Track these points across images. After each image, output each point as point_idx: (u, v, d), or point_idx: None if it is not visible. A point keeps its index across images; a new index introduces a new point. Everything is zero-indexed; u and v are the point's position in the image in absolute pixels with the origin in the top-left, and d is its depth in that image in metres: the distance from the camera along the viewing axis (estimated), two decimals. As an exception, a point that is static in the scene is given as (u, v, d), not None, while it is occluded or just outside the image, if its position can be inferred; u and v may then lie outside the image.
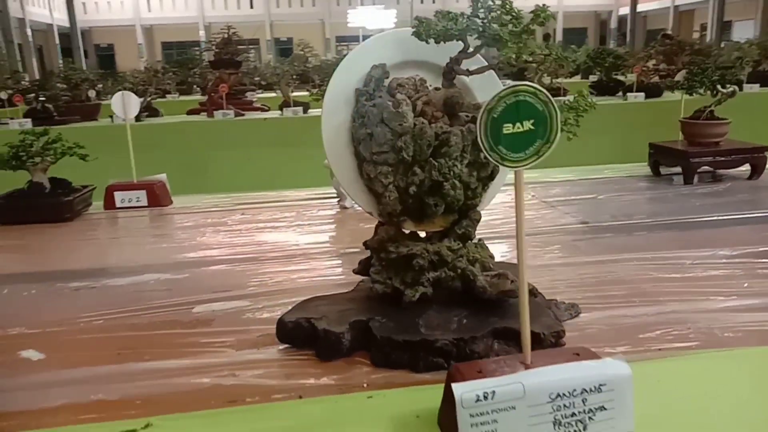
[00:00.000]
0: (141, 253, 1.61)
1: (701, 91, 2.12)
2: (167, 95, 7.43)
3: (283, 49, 25.75)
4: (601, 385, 0.69)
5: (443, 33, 0.92)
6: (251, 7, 26.68)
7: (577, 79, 8.23)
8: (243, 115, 5.33)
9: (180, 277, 1.37)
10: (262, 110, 5.95)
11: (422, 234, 1.05)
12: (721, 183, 2.05)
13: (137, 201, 2.05)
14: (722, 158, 2.05)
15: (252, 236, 1.68)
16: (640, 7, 25.31)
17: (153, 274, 1.38)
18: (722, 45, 11.08)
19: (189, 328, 1.09)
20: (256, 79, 7.60)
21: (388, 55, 1.04)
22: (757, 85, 6.36)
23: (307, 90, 6.48)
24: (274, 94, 7.32)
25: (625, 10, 25.71)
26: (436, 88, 1.03)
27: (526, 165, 0.68)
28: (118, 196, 2.05)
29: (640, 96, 5.80)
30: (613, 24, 27.20)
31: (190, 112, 5.75)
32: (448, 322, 0.95)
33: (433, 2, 26.51)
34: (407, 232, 1.03)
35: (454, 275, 1.01)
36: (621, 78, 6.66)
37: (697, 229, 1.59)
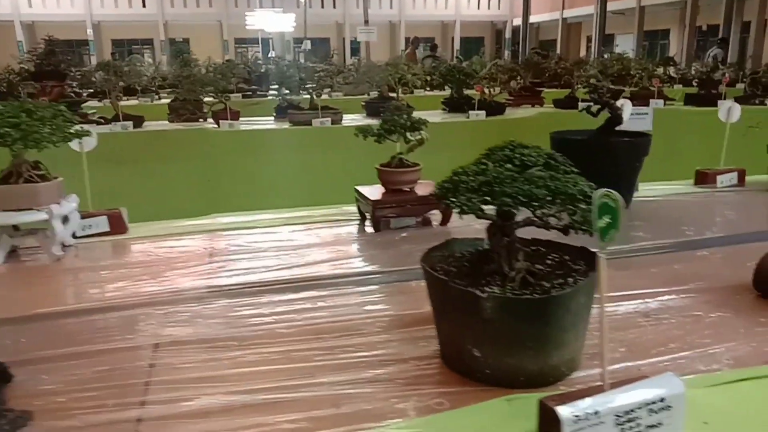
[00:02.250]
0: None
1: (394, 138, 2.09)
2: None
3: (180, 50, 24.91)
4: None
5: None
6: (144, 5, 25.63)
7: (438, 91, 8.35)
8: (66, 130, 5.01)
9: None
10: (97, 123, 5.63)
11: None
12: (404, 231, 2.02)
13: None
14: (409, 206, 2.04)
15: None
16: (533, 19, 26.27)
17: None
18: (606, 56, 11.57)
19: None
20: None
21: None
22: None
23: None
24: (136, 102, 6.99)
25: (519, 21, 26.63)
26: None
27: None
28: None
29: (482, 114, 5.92)
30: (508, 34, 28.14)
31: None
32: None
33: (334, 7, 26.52)
34: None
35: None
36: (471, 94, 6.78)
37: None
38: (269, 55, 25.45)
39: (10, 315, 1.38)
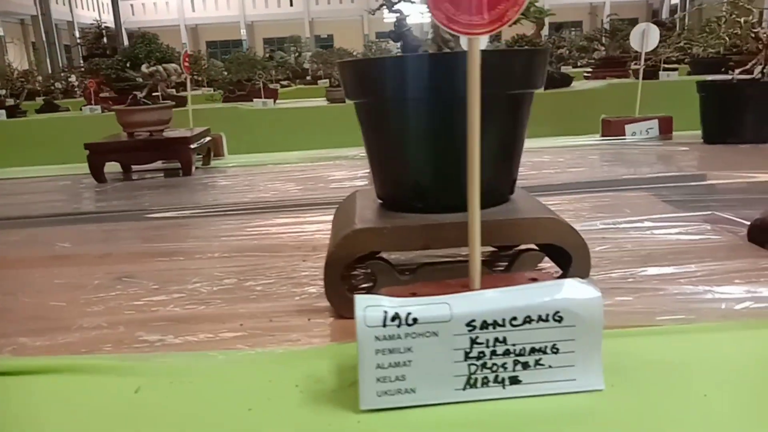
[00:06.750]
0: None
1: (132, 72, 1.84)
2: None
3: (324, 45, 25.95)
4: None
5: None
6: (291, 5, 27.07)
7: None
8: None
9: None
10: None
11: None
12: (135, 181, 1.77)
13: None
14: (133, 152, 1.77)
15: None
16: (694, -5, 23.70)
17: None
18: None
19: None
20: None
21: None
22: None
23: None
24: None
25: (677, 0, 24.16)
26: None
27: None
28: None
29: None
30: (665, 14, 25.57)
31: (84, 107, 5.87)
32: None
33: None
34: None
35: None
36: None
37: None
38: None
39: None
